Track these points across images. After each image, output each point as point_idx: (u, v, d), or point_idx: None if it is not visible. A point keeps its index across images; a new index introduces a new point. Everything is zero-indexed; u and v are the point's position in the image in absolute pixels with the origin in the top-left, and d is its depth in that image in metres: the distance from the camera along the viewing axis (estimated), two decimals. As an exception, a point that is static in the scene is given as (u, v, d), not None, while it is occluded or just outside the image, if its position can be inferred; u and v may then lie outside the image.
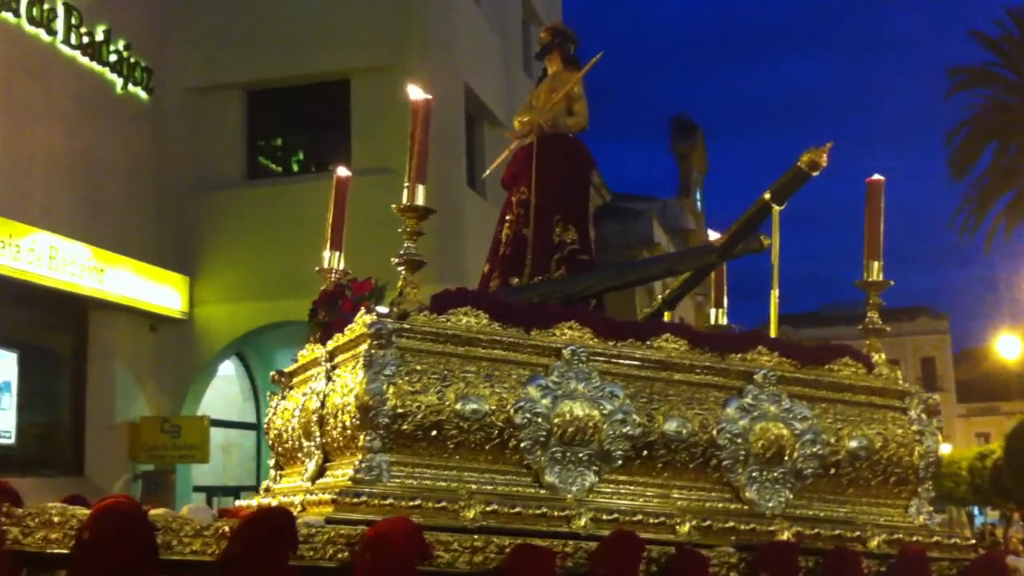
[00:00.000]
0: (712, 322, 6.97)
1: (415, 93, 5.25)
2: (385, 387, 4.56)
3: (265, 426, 6.19)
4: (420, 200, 4.97)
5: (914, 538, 5.34)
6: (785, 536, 5.01)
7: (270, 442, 6.04)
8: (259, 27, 16.73)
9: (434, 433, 4.64)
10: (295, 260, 13.25)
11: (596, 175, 25.59)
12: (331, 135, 16.99)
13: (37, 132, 14.95)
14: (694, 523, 4.89)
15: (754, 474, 5.18)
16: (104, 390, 16.11)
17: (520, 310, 4.99)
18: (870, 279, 5.79)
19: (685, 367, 5.17)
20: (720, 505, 5.12)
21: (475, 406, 4.68)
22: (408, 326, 4.71)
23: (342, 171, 6.50)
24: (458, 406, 4.66)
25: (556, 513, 4.69)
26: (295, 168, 18.31)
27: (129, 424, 16.35)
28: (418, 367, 4.67)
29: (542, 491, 4.79)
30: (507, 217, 6.33)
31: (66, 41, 15.46)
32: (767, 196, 5.97)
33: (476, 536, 4.44)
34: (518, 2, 21.18)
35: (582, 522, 4.67)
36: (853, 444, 5.37)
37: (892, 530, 5.34)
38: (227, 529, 4.07)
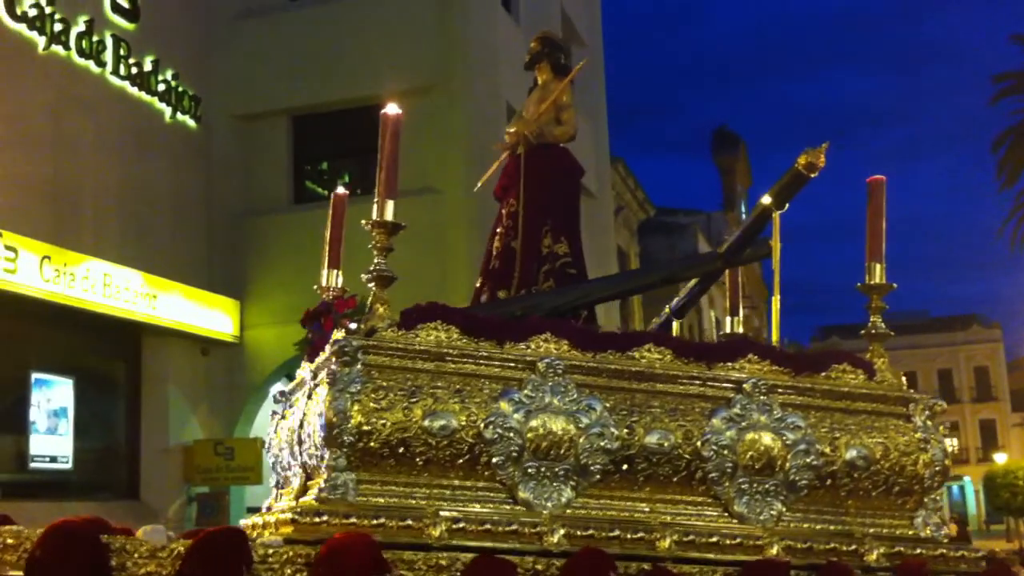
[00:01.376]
0: (727, 331, 6.84)
1: (389, 108, 5.20)
2: (349, 404, 4.51)
3: (267, 445, 6.19)
4: (389, 215, 4.94)
5: (917, 551, 5.12)
6: (774, 550, 4.85)
7: (271, 461, 6.04)
8: (303, 54, 16.90)
9: (401, 450, 4.57)
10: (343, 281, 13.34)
11: (636, 190, 25.64)
12: (375, 157, 17.01)
13: (88, 162, 15.25)
14: (675, 538, 4.73)
15: (743, 486, 5.02)
16: (158, 414, 16.34)
17: (492, 323, 4.91)
18: (872, 282, 5.58)
19: (668, 378, 5.04)
20: (706, 519, 4.96)
21: (443, 422, 4.61)
22: (374, 343, 4.67)
23: (340, 190, 6.52)
24: (426, 422, 4.59)
25: (528, 530, 4.58)
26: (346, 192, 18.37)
27: (183, 447, 16.54)
28: (385, 384, 4.62)
29: (517, 507, 4.69)
30: (497, 230, 6.27)
31: (115, 72, 15.76)
32: (767, 201, 5.86)
33: (442, 554, 4.38)
34: (558, 20, 21.20)
35: (555, 538, 4.56)
36: (851, 454, 5.18)
37: (894, 543, 5.13)
38: (181, 550, 4.06)
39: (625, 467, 4.86)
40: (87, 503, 13.97)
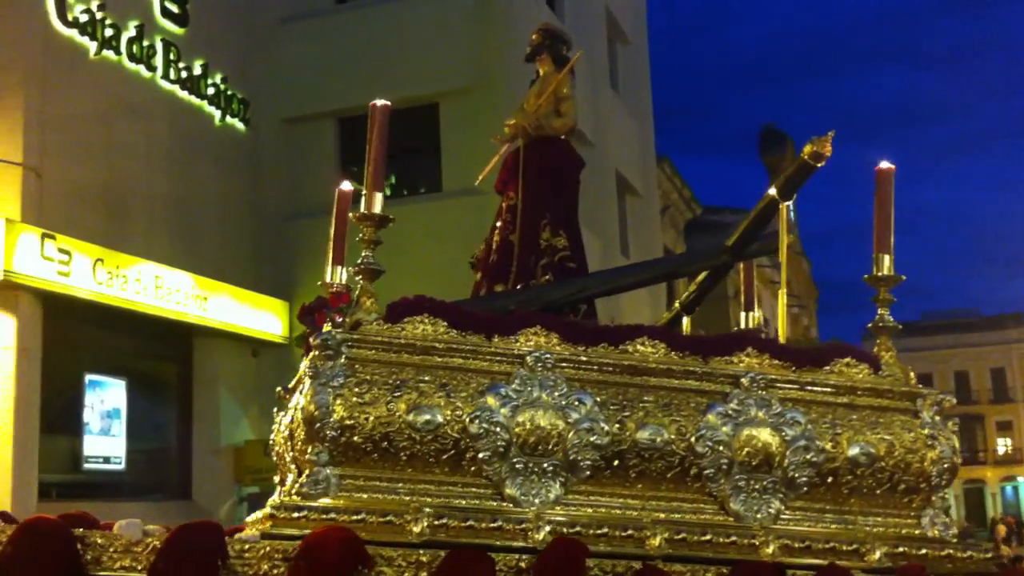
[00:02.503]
0: (743, 326, 6.71)
1: (378, 101, 5.17)
2: (332, 399, 4.49)
3: (271, 442, 6.19)
4: (378, 208, 4.90)
5: (922, 551, 4.95)
6: (770, 549, 4.72)
7: (274, 458, 6.03)
8: (348, 56, 16.98)
9: (385, 445, 4.54)
10: (389, 282, 13.38)
11: (682, 189, 25.36)
12: (421, 159, 17.11)
13: (139, 165, 15.46)
14: (666, 536, 4.63)
15: (740, 484, 4.90)
16: (209, 415, 16.51)
17: (480, 317, 4.86)
18: (880, 274, 5.41)
19: (662, 372, 4.94)
20: (701, 517, 4.85)
21: (428, 417, 4.56)
22: (359, 336, 4.63)
23: (345, 185, 6.49)
24: (409, 417, 4.55)
25: (513, 526, 4.51)
26: (387, 192, 18.46)
27: (234, 448, 16.68)
28: (369, 377, 4.60)
29: (503, 504, 4.63)
30: (497, 224, 6.21)
31: (165, 76, 15.96)
32: (773, 192, 5.74)
33: (422, 551, 4.33)
34: (603, 20, 21.11)
35: (540, 536, 4.48)
36: (853, 450, 5.03)
37: (898, 542, 4.96)
38: (157, 545, 4.06)
39: (616, 463, 4.77)
40: (139, 503, 14.17)
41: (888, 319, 5.46)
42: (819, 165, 5.57)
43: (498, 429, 4.63)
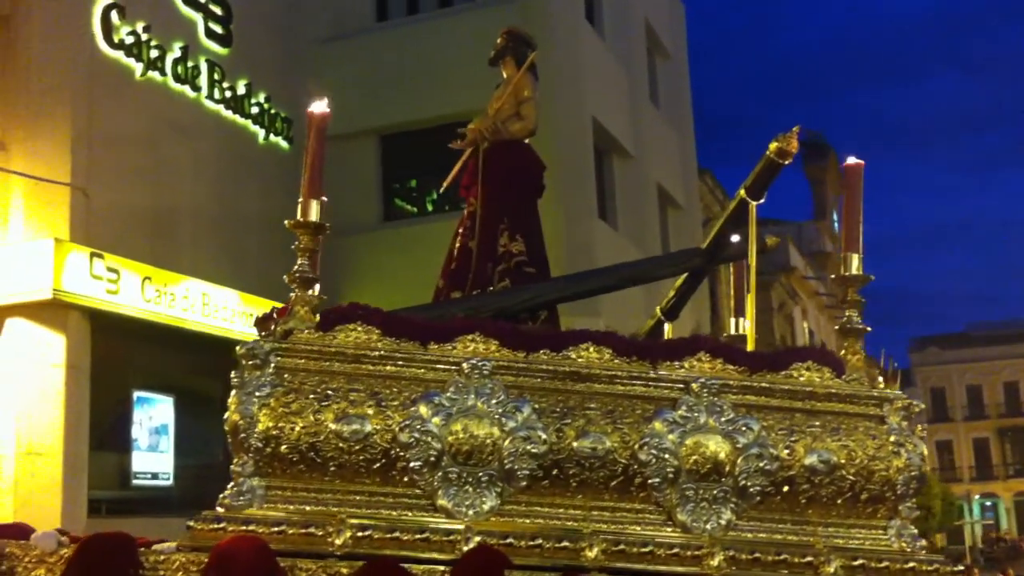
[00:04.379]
0: (732, 332, 6.52)
1: (316, 107, 5.11)
2: (257, 409, 4.44)
3: None
4: (314, 216, 4.84)
5: (882, 563, 4.70)
6: (715, 561, 4.54)
7: None
8: (389, 74, 17.09)
9: (312, 455, 4.46)
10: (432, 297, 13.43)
11: (724, 202, 25.12)
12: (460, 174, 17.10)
13: (185, 184, 15.66)
14: (603, 547, 4.47)
15: (688, 493, 4.70)
16: (255, 431, 16.56)
17: (417, 324, 4.76)
18: (848, 273, 5.18)
19: (606, 378, 4.78)
20: (645, 528, 4.66)
21: (356, 426, 4.47)
22: (287, 345, 4.58)
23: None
24: (336, 426, 4.47)
25: (442, 538, 4.40)
26: (429, 208, 18.49)
27: (280, 463, 16.69)
28: (297, 387, 4.53)
29: (435, 515, 4.52)
30: (460, 230, 6.12)
31: (210, 96, 16.18)
32: (742, 192, 5.58)
33: (342, 563, 4.23)
34: (642, 33, 20.96)
35: (468, 548, 4.35)
36: (811, 458, 4.79)
37: (856, 555, 4.71)
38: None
39: (555, 472, 4.62)
40: (188, 519, 14.25)
41: (856, 321, 5.21)
42: (785, 162, 5.40)
43: (429, 438, 4.52)
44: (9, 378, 13.59)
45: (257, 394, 4.47)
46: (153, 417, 15.30)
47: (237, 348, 4.61)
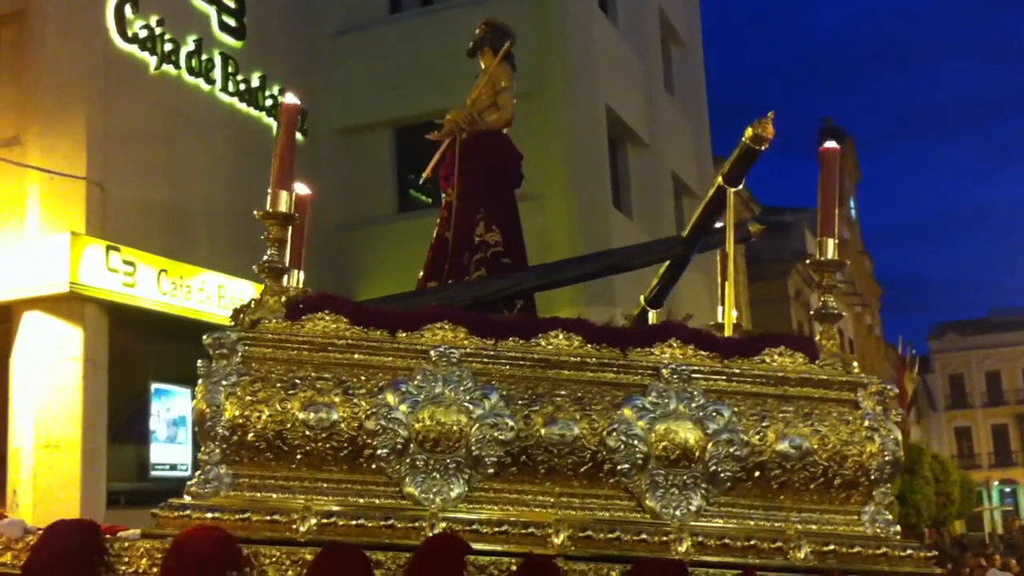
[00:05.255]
0: (717, 320, 6.47)
1: (287, 98, 5.11)
2: (223, 397, 4.46)
3: None
4: (284, 207, 4.84)
5: (855, 548, 4.65)
6: (682, 547, 4.51)
7: None
8: (404, 65, 17.11)
9: (278, 443, 4.48)
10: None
11: (740, 190, 24.88)
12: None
13: (200, 177, 15.75)
14: (568, 533, 4.46)
15: (657, 479, 4.67)
16: (272, 422, 16.63)
17: (385, 313, 4.77)
18: (823, 258, 5.14)
19: (575, 364, 4.76)
20: (614, 514, 4.65)
21: (321, 414, 4.48)
22: (254, 334, 4.59)
23: (302, 189, 6.44)
24: (303, 415, 4.48)
25: (408, 524, 4.40)
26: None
27: (298, 453, 16.76)
28: (264, 375, 4.55)
29: (403, 502, 4.53)
30: (438, 221, 6.12)
31: (224, 89, 16.28)
32: (720, 179, 5.55)
33: (307, 549, 4.24)
34: (656, 22, 20.88)
35: (432, 534, 4.37)
36: (782, 443, 4.74)
37: (827, 540, 4.67)
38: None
39: (523, 459, 4.61)
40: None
41: (831, 306, 5.15)
42: (762, 148, 5.36)
43: (396, 426, 4.52)
44: (27, 372, 13.74)
45: (224, 383, 4.49)
46: (170, 409, 15.42)
47: (204, 337, 4.63)
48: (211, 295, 15.30)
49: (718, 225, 5.99)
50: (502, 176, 6.18)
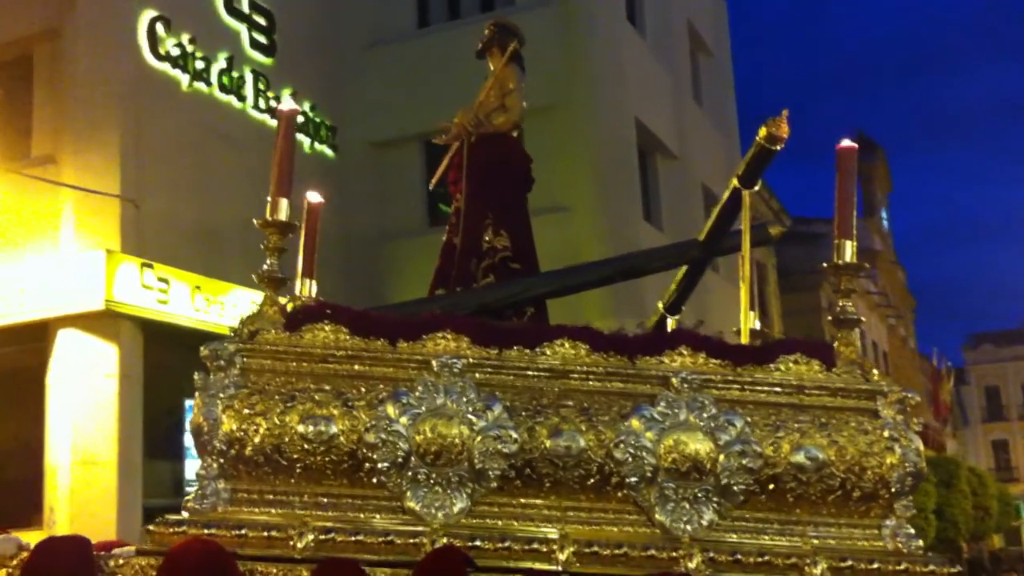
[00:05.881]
0: (743, 326, 6.30)
1: (284, 104, 5.05)
2: (220, 411, 4.38)
3: None
4: (283, 215, 4.78)
5: (874, 564, 4.45)
6: (692, 563, 4.36)
7: None
8: (432, 79, 17.05)
9: (276, 457, 4.39)
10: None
11: (771, 200, 24.68)
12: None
13: (232, 193, 15.76)
14: (574, 549, 4.31)
15: (667, 492, 4.51)
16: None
17: (386, 322, 4.66)
18: (841, 262, 4.97)
19: (581, 374, 4.63)
20: (622, 528, 4.50)
21: (320, 427, 4.38)
22: (252, 346, 4.52)
23: (314, 197, 6.40)
24: (301, 428, 4.38)
25: (409, 541, 4.28)
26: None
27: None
28: (263, 388, 4.46)
29: (404, 516, 4.41)
30: (447, 227, 6.02)
31: (255, 106, 16.33)
32: (735, 181, 5.43)
33: (305, 566, 4.15)
34: (684, 32, 20.73)
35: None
36: (798, 455, 4.57)
37: (845, 556, 4.47)
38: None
39: (527, 472, 4.47)
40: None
41: (849, 311, 4.99)
42: (777, 148, 5.21)
43: (396, 439, 4.41)
44: (63, 389, 13.81)
45: (221, 396, 4.41)
46: (205, 425, 15.38)
47: (201, 349, 4.57)
48: (244, 311, 15.28)
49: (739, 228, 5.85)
50: (510, 179, 6.04)
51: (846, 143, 5.07)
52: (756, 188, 5.43)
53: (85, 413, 13.62)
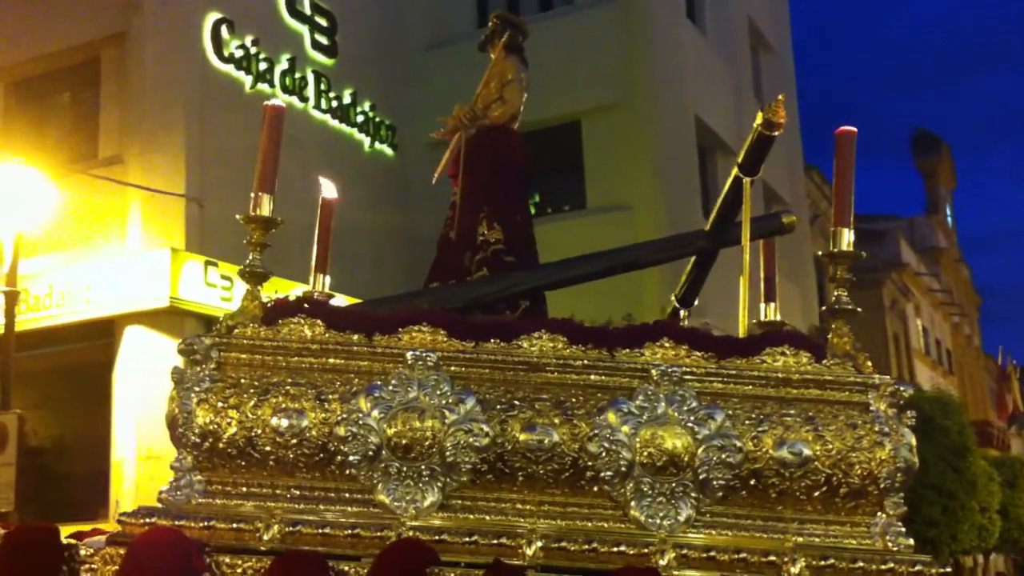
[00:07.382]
0: (763, 318, 6.17)
1: (272, 101, 5.07)
2: (195, 404, 4.41)
3: None
4: (265, 210, 4.81)
5: (857, 563, 4.27)
6: (665, 560, 4.26)
7: None
8: (489, 79, 17.09)
9: (249, 450, 4.41)
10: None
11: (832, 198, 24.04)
12: (565, 177, 16.94)
13: (293, 193, 15.83)
14: (541, 544, 4.23)
15: (643, 488, 4.40)
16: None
17: (362, 317, 4.66)
18: (838, 249, 4.82)
19: (557, 367, 4.55)
20: (596, 524, 4.41)
21: (291, 421, 4.39)
22: (228, 340, 4.54)
23: (329, 191, 6.41)
24: (273, 421, 4.39)
25: (376, 534, 4.25)
26: (532, 211, 18.39)
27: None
28: (238, 382, 4.49)
29: (373, 510, 4.40)
30: (445, 220, 5.99)
31: (317, 107, 16.53)
32: (736, 170, 5.34)
33: (268, 559, 4.14)
34: (745, 28, 20.41)
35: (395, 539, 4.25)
36: (780, 449, 4.42)
37: (828, 554, 4.30)
38: (0, 550, 4.11)
39: (499, 466, 4.42)
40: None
41: (845, 300, 4.82)
42: (775, 134, 5.11)
43: (367, 432, 4.39)
44: (129, 384, 14.13)
45: (196, 389, 4.44)
46: (267, 421, 15.60)
47: (178, 344, 4.62)
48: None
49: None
50: (507, 171, 5.96)
51: (846, 128, 4.93)
52: (757, 176, 5.31)
53: (150, 408, 13.86)
